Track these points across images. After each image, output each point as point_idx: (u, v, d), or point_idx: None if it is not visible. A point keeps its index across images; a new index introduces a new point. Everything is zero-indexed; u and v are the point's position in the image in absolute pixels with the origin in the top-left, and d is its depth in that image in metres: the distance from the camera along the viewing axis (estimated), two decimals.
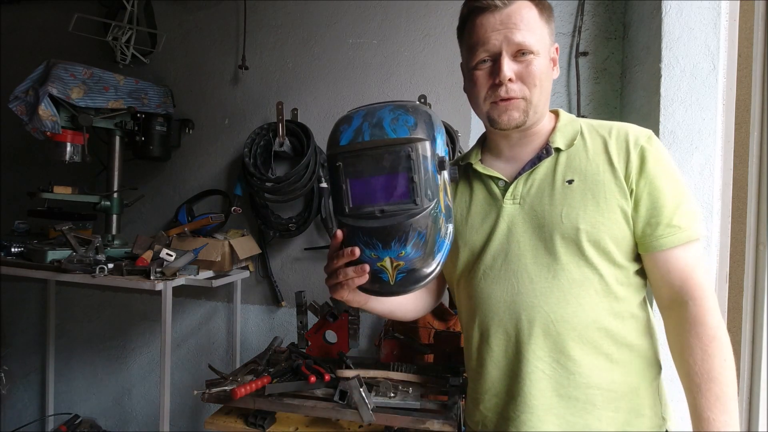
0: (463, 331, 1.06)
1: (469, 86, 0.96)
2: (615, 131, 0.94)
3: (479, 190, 1.01)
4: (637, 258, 0.92)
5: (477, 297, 0.97)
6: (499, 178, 0.98)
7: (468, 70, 0.95)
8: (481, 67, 0.91)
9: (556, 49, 0.96)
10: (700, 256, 0.89)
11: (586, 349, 0.89)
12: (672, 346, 0.90)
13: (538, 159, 0.95)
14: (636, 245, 0.91)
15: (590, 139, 0.95)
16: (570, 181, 0.92)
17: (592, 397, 0.89)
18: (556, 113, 1.02)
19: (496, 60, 0.89)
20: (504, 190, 0.97)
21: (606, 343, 0.89)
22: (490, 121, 0.94)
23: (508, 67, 0.88)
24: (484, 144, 1.06)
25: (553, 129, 0.97)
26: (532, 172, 0.95)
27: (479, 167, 1.00)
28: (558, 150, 0.95)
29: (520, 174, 0.96)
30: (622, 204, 0.89)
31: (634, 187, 0.89)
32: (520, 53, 0.88)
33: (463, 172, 1.06)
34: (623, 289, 0.90)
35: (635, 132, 0.93)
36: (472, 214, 1.00)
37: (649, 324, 0.95)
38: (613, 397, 0.89)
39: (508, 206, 0.95)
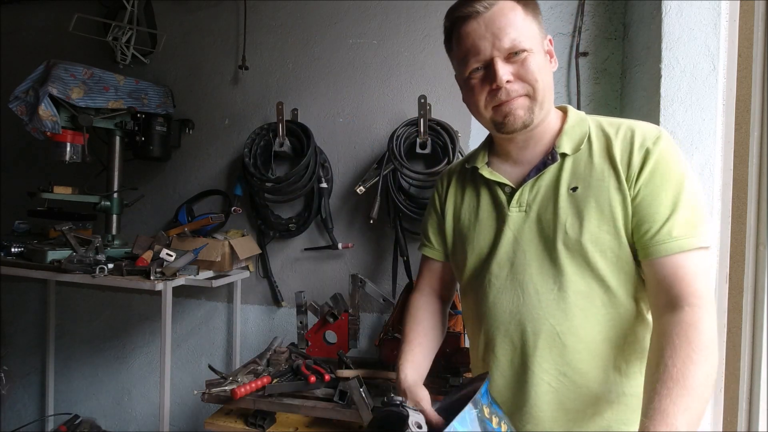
0: (468, 336, 1.05)
1: (468, 96, 0.93)
2: (622, 131, 0.89)
3: (485, 195, 0.98)
4: None
5: (483, 305, 0.95)
6: (505, 184, 0.95)
7: (463, 81, 0.93)
8: (474, 76, 0.89)
9: (550, 40, 0.92)
10: (702, 265, 0.81)
11: (594, 362, 0.87)
12: (652, 351, 0.80)
13: (543, 165, 0.92)
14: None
15: (596, 140, 0.90)
16: (574, 189, 0.88)
17: (600, 410, 0.87)
18: (564, 111, 0.96)
19: (488, 66, 0.87)
20: (510, 197, 0.94)
21: (616, 355, 0.87)
22: (495, 127, 0.91)
23: (504, 71, 0.85)
24: (491, 146, 1.02)
25: (560, 131, 0.93)
26: (538, 178, 0.92)
27: (485, 172, 0.97)
28: (564, 155, 0.91)
29: (526, 180, 0.93)
30: (624, 210, 0.84)
31: (635, 190, 0.84)
32: (512, 54, 0.85)
33: (470, 175, 1.03)
34: (632, 299, 0.88)
35: (642, 132, 0.87)
36: (480, 220, 0.97)
37: None
38: (624, 410, 0.87)
39: (514, 214, 0.92)
